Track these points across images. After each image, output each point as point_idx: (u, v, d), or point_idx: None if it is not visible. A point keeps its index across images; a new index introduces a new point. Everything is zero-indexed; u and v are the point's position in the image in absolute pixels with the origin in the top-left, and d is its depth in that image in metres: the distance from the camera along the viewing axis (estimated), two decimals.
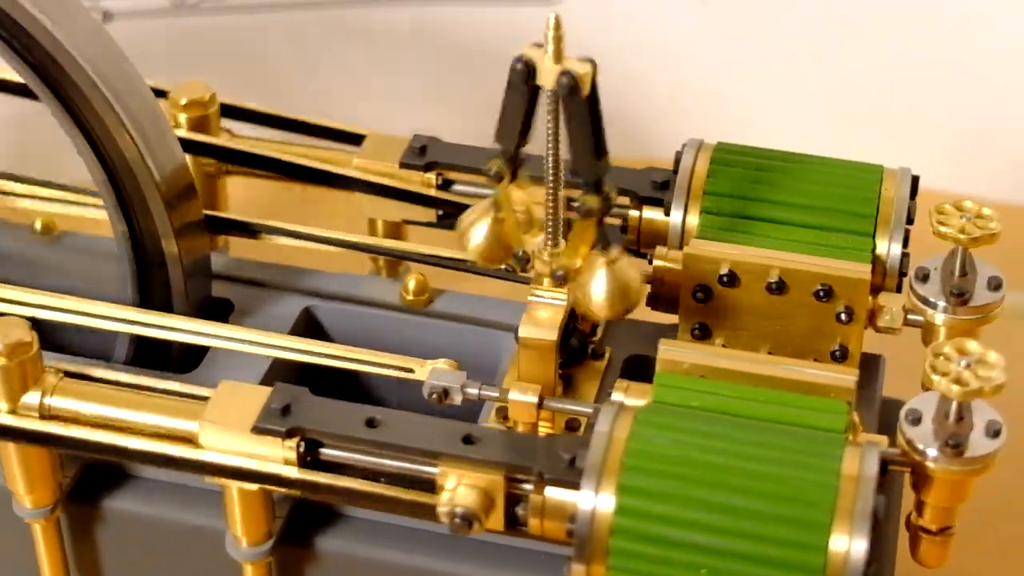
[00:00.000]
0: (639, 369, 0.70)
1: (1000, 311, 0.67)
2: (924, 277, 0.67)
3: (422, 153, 0.76)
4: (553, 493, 0.60)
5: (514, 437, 0.62)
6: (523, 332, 0.66)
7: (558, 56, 0.60)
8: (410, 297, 0.74)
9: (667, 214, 0.71)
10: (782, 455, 0.58)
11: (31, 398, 0.65)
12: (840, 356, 0.68)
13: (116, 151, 0.68)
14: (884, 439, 0.62)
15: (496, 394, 0.65)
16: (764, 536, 0.57)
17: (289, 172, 0.77)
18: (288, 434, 0.62)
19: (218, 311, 0.74)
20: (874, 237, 0.69)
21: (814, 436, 0.59)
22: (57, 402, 0.65)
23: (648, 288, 0.68)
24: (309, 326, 0.75)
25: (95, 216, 0.74)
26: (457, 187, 0.76)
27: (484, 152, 0.73)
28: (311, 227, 0.74)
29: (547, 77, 0.60)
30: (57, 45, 0.65)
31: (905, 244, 0.68)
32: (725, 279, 0.67)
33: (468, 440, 0.61)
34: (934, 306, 0.67)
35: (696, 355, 0.63)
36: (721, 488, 0.57)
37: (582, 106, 0.60)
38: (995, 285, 0.67)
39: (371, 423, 0.62)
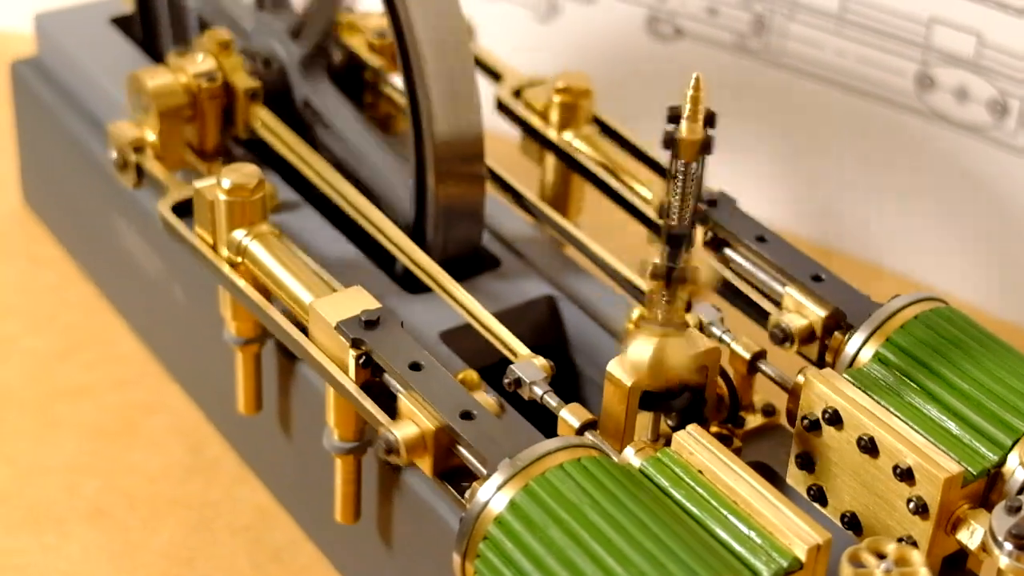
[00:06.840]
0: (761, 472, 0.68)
1: None
2: (1014, 510, 0.61)
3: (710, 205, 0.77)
4: None
5: (503, 427, 0.64)
6: (610, 367, 0.67)
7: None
8: (630, 326, 0.77)
9: (846, 340, 0.69)
10: (658, 558, 0.57)
11: (237, 234, 0.75)
12: None
13: (421, 90, 0.77)
14: None
15: (554, 403, 0.67)
16: None
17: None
18: (354, 343, 0.68)
19: (481, 263, 0.80)
20: (1009, 452, 0.63)
21: (714, 560, 0.57)
22: (252, 246, 0.74)
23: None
24: (550, 313, 0.79)
25: None
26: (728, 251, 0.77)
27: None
28: (587, 237, 0.79)
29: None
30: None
31: None
32: (827, 416, 0.65)
33: (466, 415, 0.65)
34: (1000, 545, 0.60)
35: (704, 452, 0.62)
36: (580, 552, 0.57)
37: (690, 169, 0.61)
38: None
39: (415, 367, 0.67)
